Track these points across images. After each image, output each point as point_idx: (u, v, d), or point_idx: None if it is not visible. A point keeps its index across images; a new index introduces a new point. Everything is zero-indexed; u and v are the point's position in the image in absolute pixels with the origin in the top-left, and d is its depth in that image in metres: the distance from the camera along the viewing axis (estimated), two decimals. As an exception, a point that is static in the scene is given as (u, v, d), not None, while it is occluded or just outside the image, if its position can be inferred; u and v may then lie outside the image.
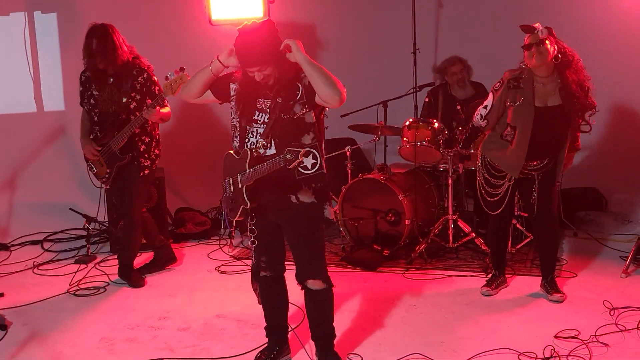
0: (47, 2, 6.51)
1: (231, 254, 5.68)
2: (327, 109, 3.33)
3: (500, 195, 4.45)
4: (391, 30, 7.11)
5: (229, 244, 5.88)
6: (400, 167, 5.84)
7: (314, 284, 3.48)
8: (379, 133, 5.82)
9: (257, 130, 3.34)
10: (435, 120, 5.48)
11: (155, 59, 6.48)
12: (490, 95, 4.35)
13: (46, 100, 6.60)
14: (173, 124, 6.89)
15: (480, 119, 4.40)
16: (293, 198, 3.35)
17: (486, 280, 4.71)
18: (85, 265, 5.37)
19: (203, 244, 6.04)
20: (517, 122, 4.27)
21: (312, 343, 3.68)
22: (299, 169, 3.20)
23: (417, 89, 6.43)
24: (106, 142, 4.74)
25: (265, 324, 3.73)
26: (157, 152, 4.94)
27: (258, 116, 3.35)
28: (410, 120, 5.60)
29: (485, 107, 4.36)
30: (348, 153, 5.80)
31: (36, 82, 6.53)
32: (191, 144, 6.98)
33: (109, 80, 4.70)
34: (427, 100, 6.20)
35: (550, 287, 4.51)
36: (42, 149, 6.56)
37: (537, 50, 4.13)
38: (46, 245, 5.98)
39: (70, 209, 6.11)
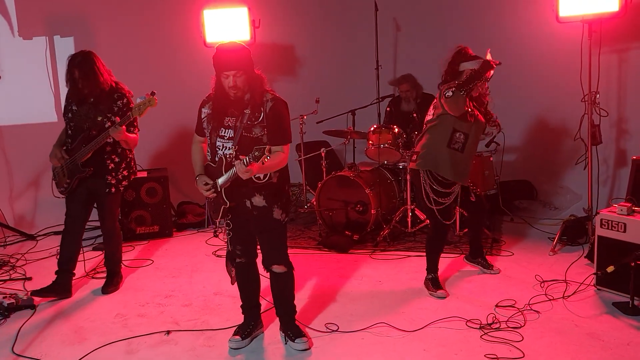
0: (65, 28, 6.41)
1: (225, 240, 5.64)
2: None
3: (449, 202, 4.12)
4: (357, 49, 7.13)
5: (223, 232, 5.86)
6: (366, 166, 5.85)
7: (278, 268, 3.49)
8: (349, 137, 5.84)
9: (223, 144, 3.29)
10: (395, 126, 5.50)
11: (157, 75, 6.47)
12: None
13: (65, 112, 6.51)
14: (174, 127, 6.87)
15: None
16: (247, 203, 3.34)
17: (432, 286, 4.21)
18: (101, 252, 5.30)
19: (201, 232, 6.00)
20: (470, 129, 4.02)
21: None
22: (253, 178, 3.22)
23: (380, 100, 6.47)
24: (74, 154, 4.26)
25: (241, 303, 3.70)
26: (126, 174, 4.40)
27: (224, 132, 3.29)
28: (375, 126, 5.63)
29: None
30: (323, 154, 5.82)
31: (56, 96, 6.44)
32: (190, 145, 6.92)
33: (90, 99, 4.24)
34: (388, 109, 6.25)
35: (487, 261, 4.54)
36: (62, 153, 6.47)
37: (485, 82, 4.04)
38: (67, 235, 5.90)
39: (88, 204, 6.02)
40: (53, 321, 4.00)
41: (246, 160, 3.00)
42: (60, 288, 4.40)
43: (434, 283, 4.25)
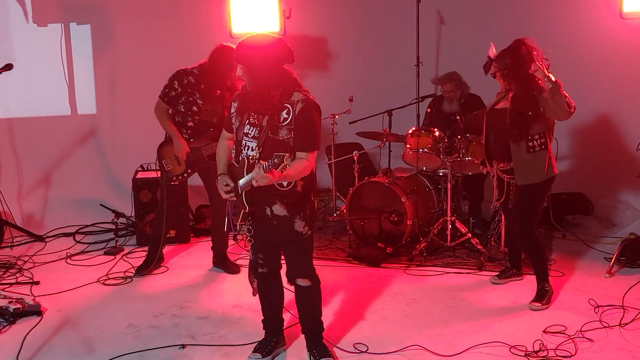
0: (81, 14, 6.53)
1: (247, 248, 5.68)
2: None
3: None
4: (396, 44, 7.13)
5: (245, 238, 5.88)
6: (403, 172, 5.84)
7: (302, 282, 3.50)
8: (384, 139, 5.83)
9: (247, 143, 3.30)
10: (436, 129, 5.48)
11: (176, 67, 6.51)
12: None
13: (79, 105, 6.63)
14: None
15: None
16: (267, 210, 3.35)
17: (499, 271, 4.83)
18: (113, 257, 5.40)
19: (221, 238, 6.05)
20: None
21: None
22: (275, 184, 3.22)
23: (420, 100, 6.45)
24: (198, 146, 4.74)
25: (263, 317, 3.72)
26: None
27: (249, 130, 3.30)
28: (413, 128, 5.60)
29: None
30: (355, 157, 5.82)
31: (71, 88, 6.57)
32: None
33: (216, 92, 4.70)
34: (428, 110, 6.19)
35: (537, 294, 4.39)
36: (75, 149, 6.60)
37: (498, 79, 4.33)
38: (78, 237, 5.98)
39: (101, 204, 6.10)
40: (61, 329, 4.07)
41: (265, 166, 2.99)
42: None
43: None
